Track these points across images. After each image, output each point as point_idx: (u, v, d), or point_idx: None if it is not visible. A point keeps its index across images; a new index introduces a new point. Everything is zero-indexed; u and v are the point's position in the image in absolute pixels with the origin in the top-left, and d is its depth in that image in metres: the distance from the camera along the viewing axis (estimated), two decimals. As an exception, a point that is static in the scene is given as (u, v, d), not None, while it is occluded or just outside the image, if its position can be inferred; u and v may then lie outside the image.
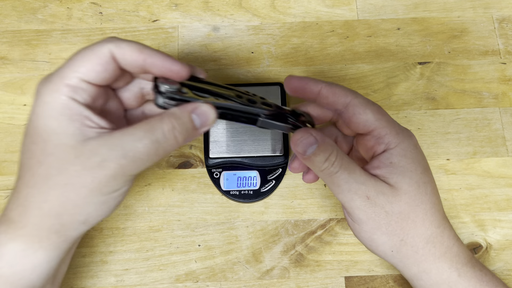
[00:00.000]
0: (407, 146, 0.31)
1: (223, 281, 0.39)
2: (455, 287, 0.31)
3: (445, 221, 0.32)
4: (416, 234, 0.31)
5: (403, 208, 0.31)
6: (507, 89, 0.45)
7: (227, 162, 0.42)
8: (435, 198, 0.32)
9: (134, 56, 0.28)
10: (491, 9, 0.48)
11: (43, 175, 0.27)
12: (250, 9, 0.48)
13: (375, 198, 0.30)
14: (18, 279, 0.28)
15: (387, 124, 0.31)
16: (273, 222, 0.41)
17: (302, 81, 0.33)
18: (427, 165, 0.32)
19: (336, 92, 0.32)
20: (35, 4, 0.48)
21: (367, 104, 0.32)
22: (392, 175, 0.31)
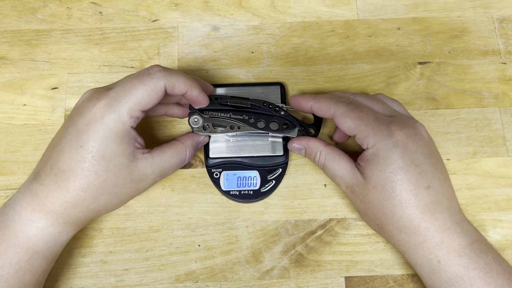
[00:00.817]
0: (383, 146, 0.34)
1: (223, 281, 0.39)
2: (437, 271, 0.34)
3: (425, 215, 0.34)
4: (388, 223, 0.35)
5: (372, 199, 0.35)
6: (507, 89, 0.45)
7: (227, 162, 0.41)
8: (407, 195, 0.34)
9: (181, 88, 0.36)
10: (491, 9, 0.47)
11: (100, 185, 0.34)
12: (250, 9, 0.48)
13: (352, 188, 0.37)
14: (50, 252, 0.35)
15: (365, 127, 0.35)
16: (273, 222, 0.41)
17: (297, 101, 0.39)
18: (409, 161, 0.34)
19: (321, 107, 0.38)
20: (35, 4, 0.47)
21: (346, 113, 0.36)
22: (365, 169, 0.35)
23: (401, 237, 0.35)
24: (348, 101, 0.37)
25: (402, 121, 0.35)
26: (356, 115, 0.36)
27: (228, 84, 0.44)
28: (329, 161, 0.38)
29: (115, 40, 0.46)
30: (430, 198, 0.34)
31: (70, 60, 0.46)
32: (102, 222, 0.41)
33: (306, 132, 0.40)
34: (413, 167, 0.34)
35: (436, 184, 0.34)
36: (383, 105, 0.38)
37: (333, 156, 0.38)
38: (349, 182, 0.37)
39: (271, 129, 0.40)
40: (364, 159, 0.36)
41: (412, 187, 0.34)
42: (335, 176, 0.38)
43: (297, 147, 0.40)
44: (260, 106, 0.40)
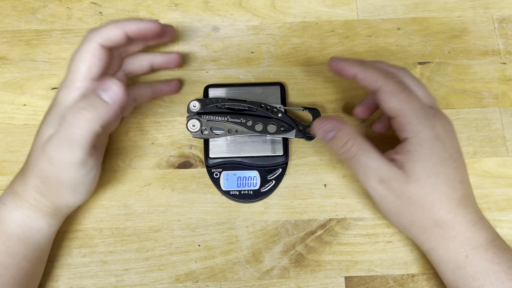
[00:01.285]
0: (426, 137, 0.33)
1: (223, 281, 0.39)
2: (463, 266, 0.34)
3: (459, 209, 0.34)
4: (423, 217, 0.34)
5: (412, 194, 0.33)
6: (507, 89, 0.45)
7: (227, 162, 0.41)
8: (447, 188, 0.34)
9: (116, 32, 0.35)
10: (491, 9, 0.48)
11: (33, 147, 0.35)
12: (250, 9, 0.48)
13: (388, 182, 0.34)
14: (26, 237, 0.35)
15: (410, 113, 0.34)
16: (273, 222, 0.41)
17: (340, 64, 0.37)
18: (448, 155, 0.34)
19: (367, 78, 0.36)
20: (35, 4, 0.47)
21: (395, 92, 0.34)
22: (406, 163, 0.34)
23: (435, 231, 0.34)
24: (397, 79, 0.35)
25: (441, 115, 0.35)
26: (405, 97, 0.34)
27: (228, 84, 0.44)
28: (363, 151, 0.34)
29: (115, 40, 0.46)
30: (463, 193, 0.34)
31: (70, 60, 0.46)
32: (102, 222, 0.41)
33: (304, 133, 0.40)
34: (451, 162, 0.34)
35: (466, 179, 0.35)
36: (427, 94, 0.36)
37: (366, 146, 0.35)
38: (385, 175, 0.34)
39: (269, 131, 0.40)
40: (403, 150, 0.34)
41: (450, 180, 0.34)
42: (367, 169, 0.34)
43: (326, 128, 0.36)
44: (258, 108, 0.40)
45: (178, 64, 0.43)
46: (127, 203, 0.41)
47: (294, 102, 0.44)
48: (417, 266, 0.40)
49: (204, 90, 0.44)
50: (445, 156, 0.34)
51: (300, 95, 0.45)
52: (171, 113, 0.44)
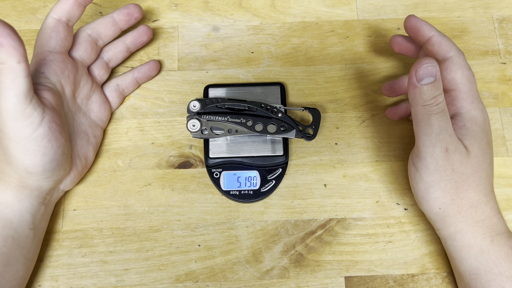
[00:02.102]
0: (478, 115, 0.35)
1: (223, 281, 0.39)
2: (486, 251, 0.34)
3: (492, 193, 0.36)
4: (465, 197, 0.34)
5: (467, 170, 0.34)
6: (507, 89, 0.45)
7: (227, 162, 0.42)
8: (490, 170, 0.36)
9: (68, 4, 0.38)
10: (491, 9, 0.48)
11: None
12: (250, 9, 0.48)
13: (452, 153, 0.33)
14: (4, 219, 0.35)
15: (467, 90, 0.35)
16: (273, 222, 0.41)
17: (418, 23, 0.37)
18: (491, 139, 0.36)
19: (442, 44, 0.36)
20: (35, 4, 0.47)
21: (462, 67, 0.36)
22: (466, 137, 0.34)
23: (468, 212, 0.35)
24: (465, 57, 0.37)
25: None
26: (469, 75, 0.36)
27: (228, 84, 0.44)
28: (446, 112, 0.33)
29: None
30: (492, 178, 0.36)
31: (70, 60, 0.46)
32: (102, 222, 0.41)
33: (304, 133, 0.40)
34: (490, 146, 0.36)
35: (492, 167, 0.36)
36: None
37: (447, 111, 0.33)
38: (452, 145, 0.33)
39: (269, 131, 0.40)
40: (458, 125, 0.35)
41: (491, 163, 0.36)
42: (441, 132, 0.32)
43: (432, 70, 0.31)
44: (258, 108, 0.40)
45: (150, 35, 0.44)
46: (127, 203, 0.41)
47: (294, 102, 0.44)
48: (417, 266, 0.40)
49: (204, 90, 0.44)
50: (489, 140, 0.36)
51: (300, 95, 0.45)
52: (171, 113, 0.44)
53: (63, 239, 0.40)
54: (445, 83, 0.36)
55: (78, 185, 0.42)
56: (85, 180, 0.42)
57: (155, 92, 0.45)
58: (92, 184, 0.42)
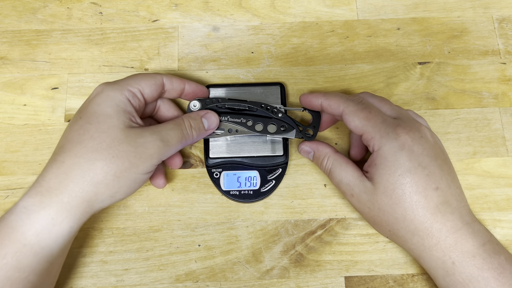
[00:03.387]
0: (389, 149, 0.34)
1: (223, 281, 0.39)
2: (451, 273, 0.34)
3: (436, 216, 0.34)
4: (400, 228, 0.35)
5: (382, 205, 0.35)
6: (507, 89, 0.45)
7: (227, 162, 0.42)
8: (417, 197, 0.34)
9: (178, 82, 0.40)
10: (491, 9, 0.48)
11: (94, 148, 0.32)
12: (250, 9, 0.48)
13: (358, 196, 0.36)
14: (40, 248, 0.32)
15: (372, 129, 0.35)
16: (273, 222, 0.41)
17: (307, 98, 0.40)
18: (416, 163, 0.34)
19: (331, 105, 0.38)
20: (35, 4, 0.48)
21: (355, 112, 0.36)
22: (374, 175, 0.35)
23: (414, 241, 0.35)
24: (358, 100, 0.37)
25: (407, 124, 0.35)
26: (365, 115, 0.36)
27: (228, 84, 0.44)
28: (336, 167, 0.38)
29: (115, 40, 0.46)
30: (439, 199, 0.34)
31: (70, 60, 0.46)
32: (102, 222, 0.41)
33: (304, 134, 0.40)
34: (420, 169, 0.34)
35: (444, 185, 0.34)
36: (391, 106, 0.37)
37: (340, 163, 0.38)
38: (355, 189, 0.36)
39: (269, 131, 0.40)
40: (371, 164, 0.35)
41: (421, 189, 0.34)
42: (341, 183, 0.37)
43: (306, 149, 0.40)
44: (258, 108, 0.40)
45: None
46: (127, 203, 0.41)
47: (294, 102, 0.44)
48: (417, 266, 0.40)
49: (204, 90, 0.44)
50: (412, 165, 0.34)
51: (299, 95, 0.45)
52: (171, 113, 0.44)
53: (63, 239, 0.40)
54: (354, 132, 0.37)
55: (78, 185, 0.42)
56: (85, 180, 0.42)
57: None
58: (92, 184, 0.42)
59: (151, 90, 0.38)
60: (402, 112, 0.37)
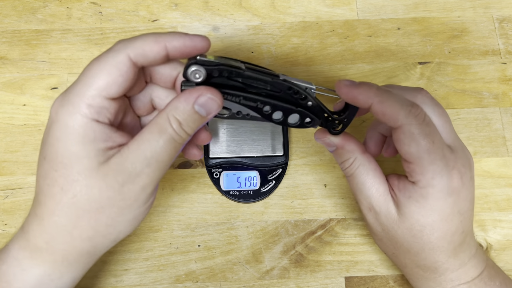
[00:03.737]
0: (435, 193, 0.30)
1: (223, 281, 0.39)
2: None
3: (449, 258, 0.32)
4: (407, 257, 0.33)
5: (399, 236, 0.31)
6: (507, 89, 0.45)
7: (227, 162, 0.41)
8: (442, 242, 0.31)
9: (154, 49, 0.27)
10: (491, 9, 0.47)
11: (70, 203, 0.26)
12: (250, 9, 0.48)
13: (376, 214, 0.32)
14: None
15: (427, 165, 0.29)
16: (273, 222, 0.41)
17: (352, 92, 0.30)
18: (457, 210, 0.30)
19: (386, 113, 0.29)
20: (34, 4, 0.47)
21: (416, 137, 0.29)
22: (404, 206, 0.31)
23: (415, 271, 0.33)
24: (421, 117, 0.29)
25: (462, 161, 0.31)
26: (427, 146, 0.29)
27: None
28: (362, 173, 0.32)
29: (115, 40, 0.46)
30: (459, 242, 0.32)
31: (70, 60, 0.46)
32: (102, 222, 0.41)
33: (330, 127, 0.33)
34: (457, 216, 0.31)
35: (468, 226, 0.32)
36: (450, 129, 0.32)
37: (367, 169, 0.32)
38: (376, 207, 0.31)
39: (290, 123, 0.31)
40: (406, 193, 0.30)
41: (449, 236, 0.31)
42: (360, 192, 0.32)
43: (329, 142, 0.33)
44: (283, 91, 0.30)
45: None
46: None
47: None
48: (417, 266, 0.40)
49: (204, 90, 0.44)
50: (451, 212, 0.30)
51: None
52: (171, 113, 0.44)
53: (63, 239, 0.40)
54: (402, 154, 0.30)
55: (77, 185, 0.42)
56: (85, 180, 0.42)
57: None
58: (92, 184, 0.42)
59: (119, 84, 0.26)
60: (457, 138, 0.32)
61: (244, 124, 0.42)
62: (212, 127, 0.42)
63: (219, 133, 0.42)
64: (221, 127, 0.42)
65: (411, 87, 0.33)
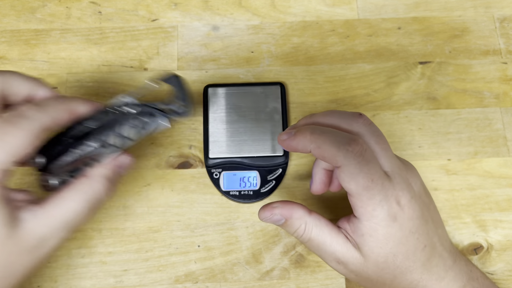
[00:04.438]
0: (381, 222, 0.31)
1: (222, 282, 0.39)
2: None
3: (423, 275, 0.33)
4: None
5: (370, 275, 0.32)
6: (508, 89, 0.45)
7: (227, 162, 0.41)
8: (408, 262, 0.32)
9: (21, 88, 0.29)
10: (492, 9, 0.47)
11: None
12: (250, 8, 0.48)
13: (344, 264, 0.33)
14: None
15: (366, 200, 0.31)
16: (273, 223, 0.41)
17: (290, 144, 0.32)
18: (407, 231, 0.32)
19: (325, 157, 0.31)
20: (34, 3, 0.47)
21: (354, 176, 0.30)
22: (362, 247, 0.32)
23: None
24: (360, 155, 0.30)
25: (401, 185, 0.32)
26: (366, 183, 0.30)
27: (228, 84, 0.44)
28: (318, 234, 0.33)
29: (115, 40, 0.46)
30: (426, 257, 0.33)
31: (69, 60, 0.45)
32: (102, 223, 0.41)
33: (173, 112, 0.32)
34: (410, 236, 0.32)
35: (429, 240, 0.33)
36: (388, 153, 0.33)
37: (321, 228, 0.33)
38: (342, 258, 0.32)
39: (131, 138, 0.32)
40: (357, 233, 0.32)
41: (411, 254, 0.32)
42: (324, 252, 0.33)
43: (276, 218, 0.33)
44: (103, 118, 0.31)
45: None
46: (127, 203, 0.41)
47: (294, 101, 0.44)
48: (418, 267, 0.40)
49: (204, 90, 0.44)
50: (403, 234, 0.31)
51: (300, 95, 0.44)
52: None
53: (62, 240, 0.40)
54: (345, 188, 0.32)
55: (77, 186, 0.42)
56: (84, 180, 0.42)
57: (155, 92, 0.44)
58: (91, 184, 0.42)
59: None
60: (395, 163, 0.33)
61: (244, 124, 0.42)
62: (212, 127, 0.42)
63: (219, 133, 0.42)
64: (221, 127, 0.42)
65: (349, 113, 0.33)
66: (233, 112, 0.43)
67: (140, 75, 0.45)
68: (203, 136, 0.42)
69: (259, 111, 0.42)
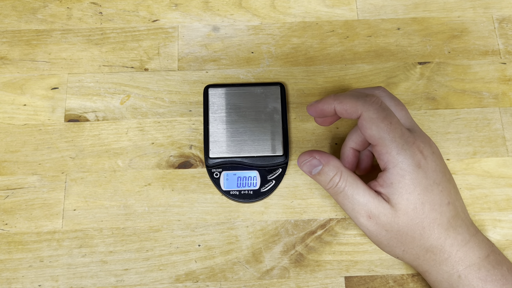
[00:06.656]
0: (407, 167, 0.33)
1: (223, 281, 0.39)
2: (456, 286, 0.34)
3: (449, 232, 0.34)
4: (415, 246, 0.34)
5: (401, 227, 0.33)
6: (507, 89, 0.45)
7: (227, 162, 0.41)
8: (434, 214, 0.33)
9: None
10: (491, 9, 0.48)
11: None
12: (250, 9, 0.48)
13: (376, 218, 0.34)
14: None
15: (390, 143, 0.33)
16: (273, 222, 0.41)
17: (316, 107, 0.36)
18: (431, 181, 0.33)
19: (347, 109, 0.34)
20: (35, 4, 0.47)
21: (375, 121, 0.33)
22: (392, 195, 0.33)
23: (427, 256, 0.34)
24: (377, 104, 0.34)
25: (421, 139, 0.34)
26: (386, 127, 0.33)
27: (228, 84, 0.44)
28: (352, 186, 0.34)
29: (115, 40, 0.46)
30: (451, 213, 0.34)
31: (70, 60, 0.46)
32: (102, 222, 0.41)
33: None
34: (435, 186, 0.33)
35: (453, 198, 0.34)
36: (407, 114, 0.36)
37: (355, 181, 0.34)
38: (374, 210, 0.33)
39: None
40: (386, 182, 0.33)
41: (437, 206, 0.33)
42: (357, 203, 0.34)
43: (313, 163, 0.35)
44: None
45: None
46: (127, 203, 0.41)
47: (294, 102, 0.44)
48: (417, 266, 0.40)
49: (204, 90, 0.44)
50: (428, 183, 0.33)
51: (299, 95, 0.45)
52: (171, 113, 0.44)
53: (63, 239, 0.40)
54: (368, 139, 0.34)
55: (78, 185, 0.42)
56: (85, 180, 0.42)
57: (155, 92, 0.45)
58: (92, 184, 0.42)
59: None
60: (414, 124, 0.36)
61: (244, 124, 0.42)
62: (212, 127, 0.42)
63: (219, 133, 0.42)
64: (221, 127, 0.42)
65: (370, 87, 0.37)
66: (233, 112, 0.43)
67: (141, 75, 0.45)
68: (203, 136, 0.43)
69: (259, 111, 0.43)
